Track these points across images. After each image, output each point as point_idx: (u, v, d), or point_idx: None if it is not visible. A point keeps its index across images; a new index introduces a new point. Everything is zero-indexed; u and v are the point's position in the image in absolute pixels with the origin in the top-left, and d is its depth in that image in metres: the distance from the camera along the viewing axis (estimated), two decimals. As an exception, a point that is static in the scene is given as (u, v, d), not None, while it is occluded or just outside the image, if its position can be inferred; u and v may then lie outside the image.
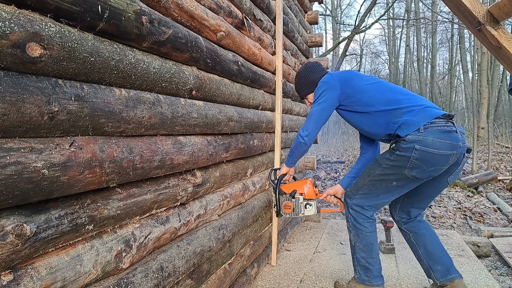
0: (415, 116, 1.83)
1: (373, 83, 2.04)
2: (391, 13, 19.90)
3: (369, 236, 2.05)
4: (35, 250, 0.86)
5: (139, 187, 1.26)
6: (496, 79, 15.38)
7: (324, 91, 2.06)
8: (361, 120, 2.05)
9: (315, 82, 2.20)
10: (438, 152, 1.77)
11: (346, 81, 2.05)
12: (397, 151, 1.84)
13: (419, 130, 1.79)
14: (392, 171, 1.89)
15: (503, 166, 8.06)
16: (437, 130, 1.78)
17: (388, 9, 16.48)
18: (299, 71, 2.34)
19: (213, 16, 1.70)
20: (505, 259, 3.07)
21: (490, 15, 1.26)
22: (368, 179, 2.00)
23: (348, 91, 2.03)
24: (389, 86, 2.04)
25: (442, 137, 1.77)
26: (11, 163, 0.77)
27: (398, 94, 1.97)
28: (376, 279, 2.06)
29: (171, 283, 1.40)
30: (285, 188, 2.35)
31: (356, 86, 2.03)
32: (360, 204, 2.05)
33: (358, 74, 2.13)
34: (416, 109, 1.85)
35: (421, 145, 1.76)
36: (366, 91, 2.00)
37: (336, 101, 2.06)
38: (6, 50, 0.76)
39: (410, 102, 1.90)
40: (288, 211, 2.31)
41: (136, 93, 1.21)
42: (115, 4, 1.04)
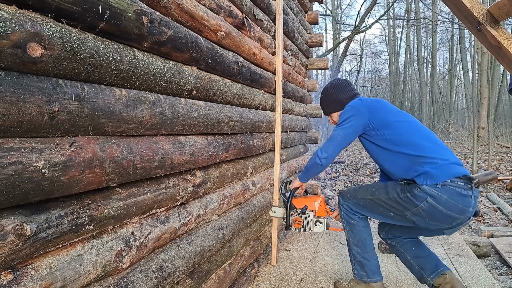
0: (437, 170, 1.79)
1: (402, 122, 1.98)
2: (391, 13, 19.90)
3: (362, 231, 2.07)
4: (35, 250, 0.87)
5: (139, 187, 1.26)
6: (496, 79, 15.38)
7: (352, 116, 2.00)
8: (381, 155, 2.01)
9: (342, 102, 2.16)
10: (447, 212, 1.77)
11: (376, 111, 1.99)
12: (408, 194, 1.83)
13: (436, 185, 1.77)
14: (395, 206, 1.90)
15: (503, 166, 8.06)
16: (454, 191, 1.76)
17: (388, 9, 16.48)
18: (326, 87, 2.27)
19: (213, 16, 1.70)
20: (505, 259, 3.07)
21: (490, 15, 1.26)
22: (369, 197, 2.00)
23: (375, 122, 1.97)
24: (418, 128, 1.97)
25: (456, 199, 1.75)
26: (12, 163, 0.78)
27: (425, 140, 1.91)
28: (374, 274, 2.08)
29: (171, 283, 1.41)
30: (296, 203, 2.33)
31: (384, 120, 1.97)
32: (351, 208, 2.09)
33: (388, 106, 2.06)
34: (440, 163, 1.81)
35: (433, 200, 1.76)
36: (393, 128, 1.95)
37: (361, 129, 2.01)
38: (7, 50, 0.76)
39: (435, 153, 1.85)
40: (297, 226, 2.30)
41: (137, 93, 1.21)
42: (116, 4, 1.04)
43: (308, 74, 4.23)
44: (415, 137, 1.91)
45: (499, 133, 13.35)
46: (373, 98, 2.12)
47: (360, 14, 14.71)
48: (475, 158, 7.18)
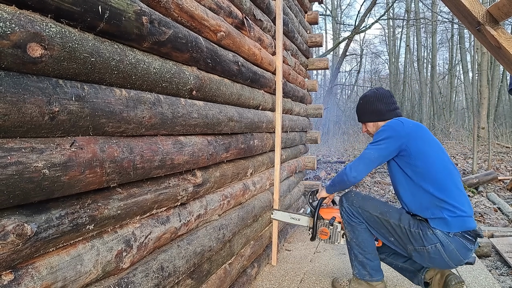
0: (454, 220, 1.80)
1: (437, 158, 1.91)
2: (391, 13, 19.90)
3: (364, 232, 2.06)
4: (36, 250, 0.87)
5: (139, 187, 1.26)
6: (496, 79, 15.38)
7: (389, 138, 1.93)
8: (403, 184, 1.97)
9: (381, 113, 2.10)
10: (448, 260, 1.82)
11: (415, 138, 1.92)
12: (420, 231, 1.84)
13: (449, 233, 1.80)
14: (400, 235, 1.91)
15: (503, 166, 8.06)
16: (462, 244, 1.80)
17: (388, 9, 16.48)
18: (367, 94, 2.19)
19: (213, 16, 1.70)
20: (506, 259, 3.07)
21: (490, 15, 1.26)
22: (378, 215, 1.98)
23: (411, 149, 1.90)
24: (448, 168, 1.91)
25: (460, 251, 1.80)
26: (12, 163, 0.78)
27: (451, 183, 1.87)
28: (376, 274, 2.08)
29: (172, 283, 1.41)
30: (324, 213, 2.29)
31: (420, 149, 1.90)
32: (353, 213, 2.07)
33: (427, 135, 1.98)
34: (458, 213, 1.81)
35: (442, 247, 1.80)
36: (426, 161, 1.89)
37: (395, 152, 1.95)
38: (7, 51, 0.76)
39: (457, 200, 1.83)
40: (324, 237, 2.25)
41: (137, 93, 1.21)
42: (116, 5, 1.04)
43: (308, 74, 4.23)
44: (443, 178, 1.87)
45: (499, 133, 13.35)
46: (415, 122, 2.04)
47: (360, 14, 14.71)
48: (475, 158, 7.18)
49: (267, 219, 2.68)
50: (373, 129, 2.15)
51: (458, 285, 1.86)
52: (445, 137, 14.86)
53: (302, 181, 4.07)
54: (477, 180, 6.24)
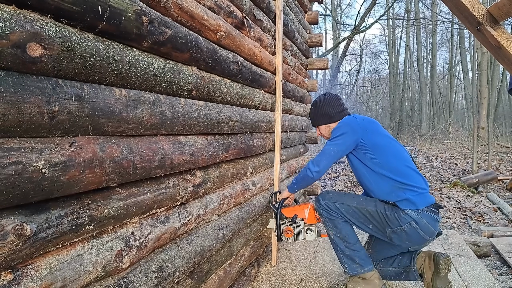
0: (417, 198, 1.98)
1: (390, 147, 2.09)
2: (391, 13, 19.90)
3: (345, 225, 2.14)
4: (35, 250, 0.87)
5: (139, 187, 1.26)
6: (496, 79, 15.38)
7: (345, 133, 2.09)
8: (366, 175, 2.12)
9: (330, 116, 2.28)
10: (423, 235, 1.98)
11: (369, 132, 2.09)
12: (395, 213, 1.99)
13: (418, 210, 1.97)
14: (378, 220, 2.04)
15: (503, 166, 8.07)
16: (430, 217, 1.98)
17: (388, 9, 16.49)
18: (316, 100, 2.38)
19: (213, 16, 1.70)
20: (505, 259, 3.07)
21: (490, 15, 1.26)
22: (355, 205, 2.10)
23: (367, 143, 2.07)
24: (402, 155, 2.10)
25: (431, 223, 1.97)
26: (12, 163, 0.78)
27: (407, 167, 2.05)
28: (366, 263, 2.12)
29: (171, 283, 1.41)
30: (286, 212, 2.36)
31: (375, 142, 2.07)
32: (330, 208, 2.15)
33: (380, 129, 2.16)
34: (419, 191, 2.00)
35: (416, 223, 1.96)
36: (383, 151, 2.06)
37: (352, 146, 2.10)
38: (7, 50, 0.76)
39: (415, 181, 2.02)
40: (289, 236, 2.33)
41: (136, 93, 1.21)
42: (115, 4, 1.04)
43: (308, 74, 4.23)
44: (399, 163, 2.05)
45: (499, 133, 13.35)
46: (367, 118, 2.22)
47: (359, 14, 14.71)
48: (475, 158, 7.18)
49: (267, 219, 2.68)
50: (326, 131, 2.33)
51: (446, 259, 1.98)
52: (445, 137, 14.87)
53: (302, 181, 4.07)
54: (476, 180, 6.24)
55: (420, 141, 14.04)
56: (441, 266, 1.98)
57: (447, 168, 8.12)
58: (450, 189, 6.18)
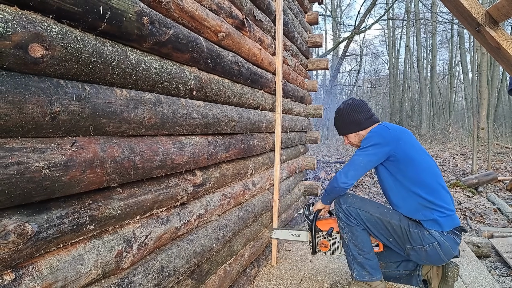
0: (444, 220, 1.92)
1: (423, 161, 1.99)
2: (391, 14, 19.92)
3: (362, 233, 2.09)
4: (37, 250, 0.87)
5: (140, 187, 1.27)
6: (496, 80, 15.38)
7: (377, 144, 1.99)
8: (392, 188, 2.04)
9: (360, 123, 2.15)
10: (443, 257, 1.93)
11: (402, 143, 1.99)
12: (419, 231, 1.93)
13: (443, 232, 1.91)
14: (400, 235, 1.98)
15: (503, 167, 8.07)
16: (453, 240, 1.92)
17: (388, 9, 16.49)
18: (341, 108, 2.24)
19: (213, 17, 1.70)
20: (505, 260, 3.08)
21: (489, 16, 1.27)
22: (378, 215, 2.03)
23: (399, 155, 1.97)
24: (434, 171, 2.00)
25: (452, 247, 1.92)
26: (13, 163, 0.78)
27: (438, 185, 1.97)
28: (376, 272, 2.09)
29: (172, 283, 1.41)
30: (321, 225, 2.29)
31: (408, 154, 1.97)
32: (350, 213, 2.09)
33: (413, 140, 2.06)
34: (447, 213, 1.93)
35: (439, 246, 1.91)
36: (415, 165, 1.97)
37: (384, 158, 2.01)
38: (9, 51, 0.76)
39: (444, 201, 1.94)
40: (324, 249, 2.27)
41: (137, 94, 1.21)
42: (117, 5, 1.04)
43: (308, 74, 4.23)
44: (431, 180, 1.96)
45: (498, 134, 13.35)
46: (400, 127, 2.11)
47: (359, 15, 14.72)
48: (475, 159, 7.18)
49: (267, 219, 2.68)
50: (356, 139, 2.20)
51: (455, 268, 1.98)
52: (445, 137, 14.87)
53: (302, 181, 4.08)
54: (476, 180, 6.25)
55: (420, 141, 14.02)
56: (449, 275, 1.96)
57: (447, 168, 8.12)
58: (450, 189, 6.18)
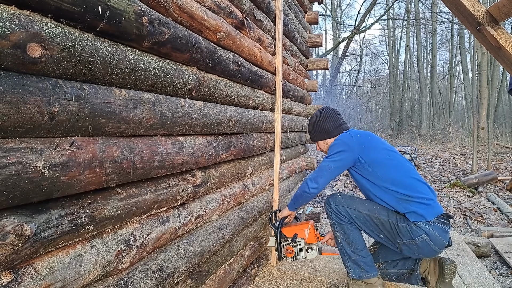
0: (425, 210, 1.94)
1: (390, 159, 2.05)
2: (391, 14, 19.91)
3: (354, 230, 2.11)
4: (35, 250, 0.87)
5: (139, 187, 1.26)
6: (496, 80, 15.38)
7: (342, 151, 2.07)
8: (369, 189, 2.10)
9: (328, 131, 2.24)
10: (434, 247, 1.93)
11: (366, 148, 2.06)
12: (407, 225, 1.95)
13: (429, 222, 1.93)
14: (390, 230, 2.00)
15: (503, 166, 8.07)
16: (441, 228, 1.93)
17: (388, 9, 16.49)
18: (314, 115, 2.34)
19: (213, 17, 1.70)
20: (505, 259, 3.07)
21: (490, 16, 1.26)
22: (367, 212, 2.05)
23: (365, 159, 2.04)
24: (403, 166, 2.05)
25: (441, 235, 1.93)
26: (12, 163, 0.78)
27: (410, 178, 2.01)
28: (371, 269, 2.10)
29: (171, 283, 1.41)
30: (286, 232, 2.36)
31: (374, 157, 2.04)
32: (340, 212, 2.12)
33: (377, 143, 2.12)
34: (426, 203, 1.95)
35: (428, 236, 1.91)
36: (383, 165, 2.03)
37: (351, 163, 2.09)
38: (7, 51, 0.76)
39: (421, 192, 1.98)
40: (290, 255, 2.33)
41: (136, 94, 1.21)
42: (115, 5, 1.04)
43: (308, 74, 4.23)
44: (402, 175, 2.01)
45: (498, 133, 13.35)
46: (363, 132, 2.19)
47: (359, 15, 14.72)
48: (475, 159, 7.18)
49: (267, 220, 2.68)
50: (324, 146, 2.30)
51: (452, 265, 1.97)
52: (445, 137, 14.87)
53: (301, 181, 4.07)
54: (476, 180, 6.24)
55: (420, 142, 14.04)
56: (446, 272, 1.95)
57: (447, 168, 8.12)
58: (450, 189, 6.18)
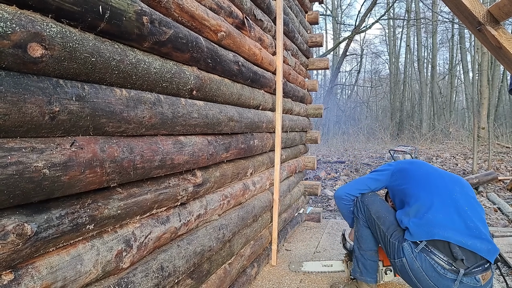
0: (416, 228, 1.76)
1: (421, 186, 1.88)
2: (392, 13, 19.90)
3: (364, 228, 2.11)
4: (36, 250, 0.87)
5: (139, 187, 1.26)
6: (497, 79, 15.37)
7: (381, 171, 2.15)
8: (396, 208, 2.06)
9: None
10: (415, 281, 1.72)
11: (398, 172, 2.07)
12: (396, 242, 1.81)
13: (417, 245, 1.74)
14: (384, 240, 1.92)
15: (503, 166, 8.06)
16: (428, 264, 1.66)
17: (389, 9, 16.49)
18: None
19: (213, 16, 1.70)
20: (505, 259, 3.07)
21: (490, 15, 1.26)
22: (375, 218, 2.01)
23: (394, 184, 2.05)
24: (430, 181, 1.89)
25: (428, 273, 1.67)
26: (12, 163, 0.78)
27: (433, 195, 1.79)
28: (367, 273, 2.08)
29: (171, 282, 1.41)
30: None
31: (402, 183, 1.98)
32: (361, 207, 2.12)
33: (413, 171, 2.01)
34: (424, 220, 1.74)
35: (407, 262, 1.74)
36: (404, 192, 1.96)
37: (382, 184, 2.14)
38: (8, 50, 0.76)
39: (431, 207, 1.75)
40: None
41: (137, 93, 1.21)
42: (116, 5, 1.04)
43: (308, 74, 4.23)
44: (424, 194, 1.81)
45: (499, 133, 13.34)
46: (407, 161, 2.17)
47: (360, 14, 14.72)
48: (475, 158, 7.18)
49: (267, 219, 2.68)
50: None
51: None
52: (445, 137, 14.87)
53: (302, 181, 4.07)
54: (477, 180, 6.24)
55: (420, 141, 14.04)
56: None
57: (447, 168, 8.12)
58: (451, 189, 6.16)
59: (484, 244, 1.55)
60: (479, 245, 1.54)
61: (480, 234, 1.56)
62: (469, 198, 1.77)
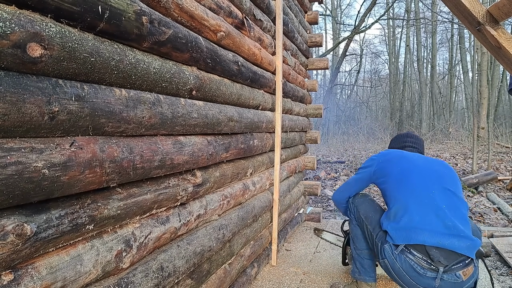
0: (396, 232, 1.77)
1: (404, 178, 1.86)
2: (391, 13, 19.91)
3: (356, 228, 2.15)
4: (36, 250, 0.87)
5: (139, 187, 1.26)
6: (496, 79, 15.37)
7: (365, 166, 2.13)
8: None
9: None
10: (399, 281, 1.75)
11: (383, 162, 2.03)
12: (380, 243, 1.85)
13: (397, 247, 1.77)
14: (371, 240, 1.95)
15: (503, 166, 8.06)
16: (408, 264, 1.69)
17: (388, 9, 16.48)
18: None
19: (213, 16, 1.70)
20: (505, 259, 3.07)
21: (490, 15, 1.26)
22: (363, 218, 2.05)
23: (378, 174, 2.01)
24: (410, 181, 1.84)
25: (409, 273, 1.69)
26: (12, 163, 0.78)
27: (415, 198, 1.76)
28: (366, 273, 2.08)
29: (171, 283, 1.41)
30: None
31: (388, 172, 1.96)
32: (351, 208, 2.18)
33: (398, 159, 1.97)
34: (402, 224, 1.76)
35: (389, 263, 1.78)
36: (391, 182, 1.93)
37: (368, 178, 2.10)
38: (7, 50, 0.76)
39: (410, 211, 1.76)
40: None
41: (136, 93, 1.21)
42: (116, 5, 1.04)
43: (308, 74, 4.23)
44: (401, 191, 1.83)
45: (499, 133, 13.35)
46: (391, 151, 2.11)
47: (359, 14, 14.72)
48: (475, 158, 7.18)
49: (267, 219, 2.68)
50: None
51: None
52: (445, 137, 14.87)
53: (302, 181, 4.07)
54: (477, 180, 6.24)
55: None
56: None
57: (447, 168, 8.10)
58: (450, 189, 6.16)
59: (462, 241, 1.59)
60: (457, 243, 1.58)
61: (458, 232, 1.60)
62: (448, 194, 1.76)
